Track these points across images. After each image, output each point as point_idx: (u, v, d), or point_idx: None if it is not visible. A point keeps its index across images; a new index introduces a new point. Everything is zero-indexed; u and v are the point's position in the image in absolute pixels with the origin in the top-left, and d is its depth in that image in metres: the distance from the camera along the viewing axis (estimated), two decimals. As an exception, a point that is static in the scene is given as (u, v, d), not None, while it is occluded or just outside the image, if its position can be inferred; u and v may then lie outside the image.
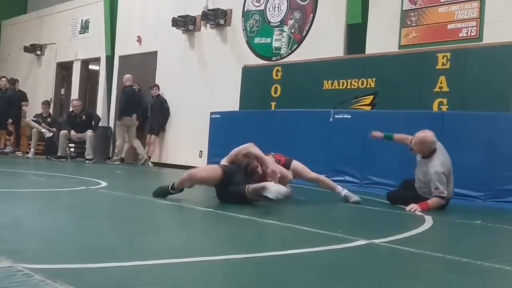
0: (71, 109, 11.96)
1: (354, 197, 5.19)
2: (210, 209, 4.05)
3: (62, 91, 15.42)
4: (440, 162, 5.05)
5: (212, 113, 9.37)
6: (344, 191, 5.27)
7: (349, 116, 7.53)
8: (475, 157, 6.20)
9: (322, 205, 5.09)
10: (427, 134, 5.15)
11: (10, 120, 12.34)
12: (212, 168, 4.58)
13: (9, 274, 1.76)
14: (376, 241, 2.99)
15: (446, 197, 5.00)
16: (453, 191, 5.29)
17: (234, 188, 4.34)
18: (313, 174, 5.44)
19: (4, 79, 12.82)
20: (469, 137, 6.34)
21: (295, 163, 5.33)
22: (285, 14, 9.62)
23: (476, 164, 6.19)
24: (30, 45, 15.81)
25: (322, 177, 5.56)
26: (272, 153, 5.18)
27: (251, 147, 4.66)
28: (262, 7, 10.03)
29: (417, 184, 5.27)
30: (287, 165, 5.18)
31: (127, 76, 11.80)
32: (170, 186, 4.48)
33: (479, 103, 6.74)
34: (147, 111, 11.88)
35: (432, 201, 4.93)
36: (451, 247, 3.14)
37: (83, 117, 11.52)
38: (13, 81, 13.30)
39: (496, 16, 7.05)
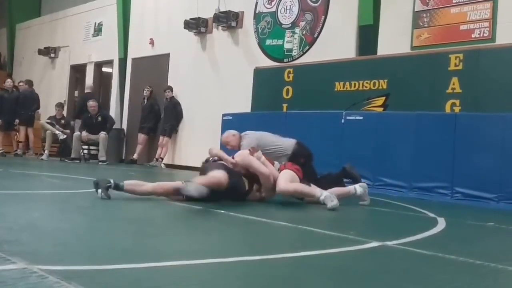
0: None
1: (331, 203, 4.55)
2: (222, 211, 4.06)
3: (76, 93, 15.57)
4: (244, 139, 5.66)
5: (224, 115, 9.39)
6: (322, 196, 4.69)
7: (361, 118, 7.51)
8: (488, 159, 6.16)
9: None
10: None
11: (17, 121, 12.45)
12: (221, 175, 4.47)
13: (24, 276, 1.78)
14: (389, 243, 2.99)
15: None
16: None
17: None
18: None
19: (9, 80, 12.99)
20: (482, 139, 6.30)
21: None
22: (297, 15, 9.62)
23: (489, 166, 6.15)
24: (44, 48, 15.97)
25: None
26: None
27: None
28: (273, 9, 10.04)
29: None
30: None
31: (88, 84, 13.27)
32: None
33: (492, 104, 6.69)
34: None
35: None
36: (464, 249, 3.12)
37: (99, 118, 11.66)
38: (31, 83, 13.39)
39: (509, 16, 6.99)
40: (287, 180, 4.77)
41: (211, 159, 4.92)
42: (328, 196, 4.62)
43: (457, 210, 5.66)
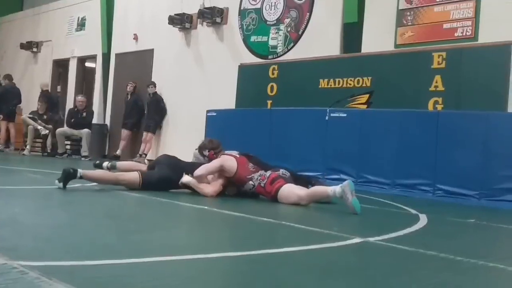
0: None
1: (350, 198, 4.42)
2: (206, 207, 4.06)
3: (59, 88, 15.41)
4: None
5: (208, 111, 9.36)
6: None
7: (345, 115, 7.54)
8: (470, 156, 6.23)
9: (316, 203, 5.09)
10: None
11: (0, 116, 12.29)
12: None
13: (4, 271, 1.76)
14: (371, 239, 3.01)
15: None
16: None
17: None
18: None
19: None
20: (464, 136, 6.36)
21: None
22: (282, 12, 9.63)
23: (470, 163, 6.22)
24: (27, 42, 15.78)
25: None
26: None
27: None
28: (258, 6, 10.03)
29: None
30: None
31: (44, 82, 13.52)
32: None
33: (474, 102, 6.76)
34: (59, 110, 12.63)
35: None
36: (445, 245, 3.15)
37: (84, 114, 11.66)
38: (11, 77, 13.22)
39: (491, 16, 7.07)
40: (296, 190, 4.61)
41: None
42: (341, 188, 4.20)
43: (439, 207, 5.72)
